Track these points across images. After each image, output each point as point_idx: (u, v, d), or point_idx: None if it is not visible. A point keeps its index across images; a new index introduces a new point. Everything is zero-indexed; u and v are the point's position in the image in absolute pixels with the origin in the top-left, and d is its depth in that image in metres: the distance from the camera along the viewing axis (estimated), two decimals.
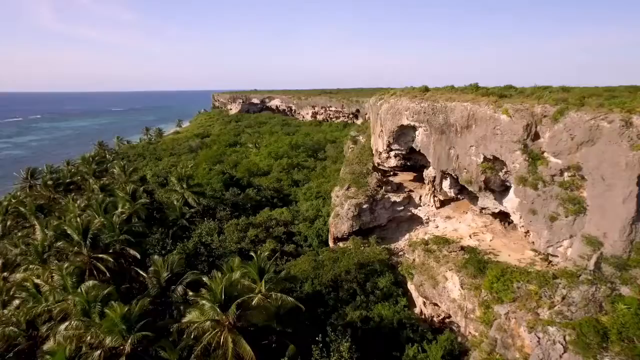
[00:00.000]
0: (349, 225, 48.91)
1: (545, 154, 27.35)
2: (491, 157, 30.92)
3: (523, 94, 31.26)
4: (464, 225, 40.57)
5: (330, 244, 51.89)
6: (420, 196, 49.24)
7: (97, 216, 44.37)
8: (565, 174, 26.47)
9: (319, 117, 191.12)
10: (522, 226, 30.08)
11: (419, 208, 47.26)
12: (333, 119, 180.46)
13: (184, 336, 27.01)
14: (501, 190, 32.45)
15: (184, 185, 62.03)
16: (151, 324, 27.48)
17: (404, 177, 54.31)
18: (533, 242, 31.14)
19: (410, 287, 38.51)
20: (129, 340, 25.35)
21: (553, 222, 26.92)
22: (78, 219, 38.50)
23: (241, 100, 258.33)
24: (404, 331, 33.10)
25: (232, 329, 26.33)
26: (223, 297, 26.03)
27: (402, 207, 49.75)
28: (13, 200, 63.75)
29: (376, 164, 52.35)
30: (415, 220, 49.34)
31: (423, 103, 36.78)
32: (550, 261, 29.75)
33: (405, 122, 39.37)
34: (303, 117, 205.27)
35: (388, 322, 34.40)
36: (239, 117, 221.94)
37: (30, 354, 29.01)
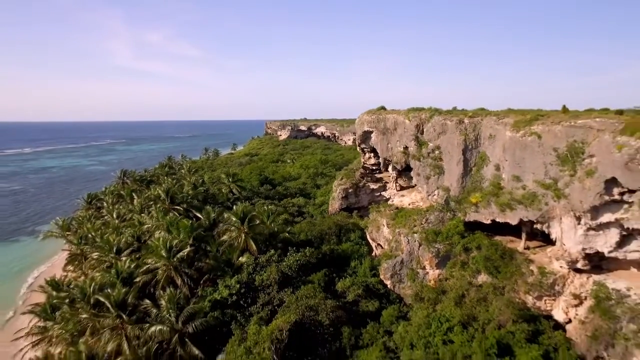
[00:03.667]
0: (339, 204, 69.46)
1: (427, 141, 46.95)
2: (405, 146, 50.69)
3: (423, 109, 51.02)
4: (408, 199, 59.43)
5: None
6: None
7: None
8: (436, 151, 45.87)
9: None
10: (417, 185, 49.25)
11: (386, 191, 66.73)
12: None
13: (220, 238, 49.13)
14: None
15: (230, 180, 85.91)
16: (202, 234, 49.94)
17: (385, 175, 73.87)
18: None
19: (368, 236, 57.95)
20: (192, 236, 47.75)
21: (428, 180, 46.17)
22: (163, 185, 62.86)
23: (290, 127, 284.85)
24: (352, 255, 52.83)
25: (247, 234, 47.95)
26: (242, 215, 47.95)
27: (378, 193, 69.41)
28: (112, 188, 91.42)
29: (363, 163, 72.61)
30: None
31: (373, 116, 57.31)
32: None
33: (366, 128, 59.88)
34: (345, 142, 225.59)
35: (345, 252, 54.23)
36: (287, 142, 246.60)
37: (138, 251, 52.12)
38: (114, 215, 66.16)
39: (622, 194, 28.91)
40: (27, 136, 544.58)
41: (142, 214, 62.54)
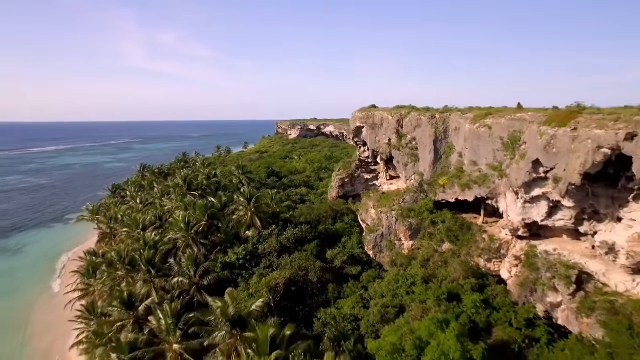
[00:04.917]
0: (336, 192, 77.60)
1: (405, 134, 54.80)
2: (389, 139, 58.59)
3: (404, 107, 58.75)
4: (395, 187, 67.21)
5: None
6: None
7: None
8: (412, 142, 53.68)
9: None
10: (398, 171, 57.06)
11: (378, 180, 74.63)
12: None
13: (228, 216, 57.73)
14: None
15: (240, 172, 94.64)
16: (215, 213, 58.61)
17: (378, 167, 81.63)
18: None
19: (359, 218, 65.91)
20: (206, 214, 56.40)
21: (406, 167, 54.03)
22: (181, 174, 71.89)
23: (300, 127, 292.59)
24: (344, 233, 60.91)
25: (252, 212, 56.41)
26: (248, 196, 56.44)
27: (372, 183, 77.32)
28: (134, 180, 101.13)
29: (358, 156, 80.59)
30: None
31: (364, 113, 65.39)
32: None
33: (358, 124, 67.95)
34: None
35: (339, 231, 62.32)
36: (297, 140, 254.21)
37: (161, 228, 60.97)
38: (138, 201, 75.37)
39: (545, 172, 36.41)
40: (48, 135, 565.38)
41: (163, 199, 71.61)
